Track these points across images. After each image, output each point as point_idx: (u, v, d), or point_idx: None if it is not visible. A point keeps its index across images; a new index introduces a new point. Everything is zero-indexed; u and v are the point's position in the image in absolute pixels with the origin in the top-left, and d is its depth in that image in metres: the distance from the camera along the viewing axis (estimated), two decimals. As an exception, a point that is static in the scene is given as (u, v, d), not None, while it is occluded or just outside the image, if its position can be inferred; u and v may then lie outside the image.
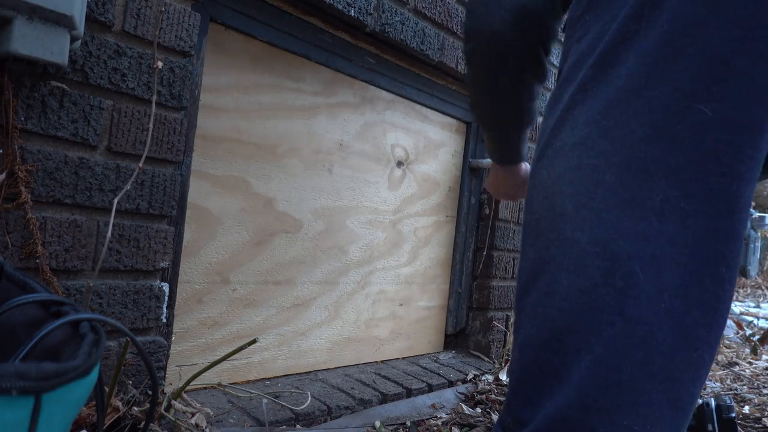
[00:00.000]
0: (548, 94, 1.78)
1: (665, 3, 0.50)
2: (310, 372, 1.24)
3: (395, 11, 1.24)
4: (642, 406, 0.48)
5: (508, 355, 1.62)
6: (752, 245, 3.22)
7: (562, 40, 0.65)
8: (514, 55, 0.74)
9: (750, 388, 1.66)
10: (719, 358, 2.03)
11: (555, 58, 1.70)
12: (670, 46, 0.49)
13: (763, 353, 2.15)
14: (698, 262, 0.47)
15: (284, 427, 0.95)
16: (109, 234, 0.81)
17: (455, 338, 1.65)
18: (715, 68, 0.47)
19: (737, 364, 1.95)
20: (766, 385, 1.69)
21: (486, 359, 1.58)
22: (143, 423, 0.77)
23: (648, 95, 0.50)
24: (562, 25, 0.70)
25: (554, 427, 0.50)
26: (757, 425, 1.29)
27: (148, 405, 0.83)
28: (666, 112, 0.49)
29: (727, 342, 2.38)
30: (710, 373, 1.78)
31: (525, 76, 0.78)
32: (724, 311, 0.49)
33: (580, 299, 0.50)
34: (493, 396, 1.29)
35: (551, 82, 1.70)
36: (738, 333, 2.61)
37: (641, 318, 0.48)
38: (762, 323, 2.95)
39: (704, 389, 1.59)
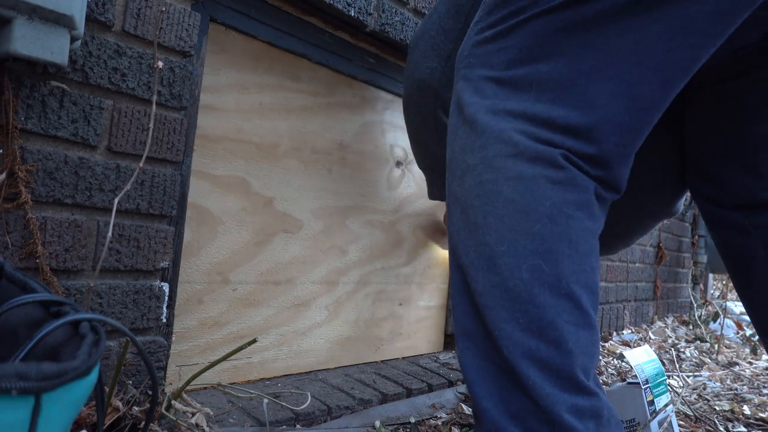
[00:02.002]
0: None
1: None
2: (310, 372, 1.24)
3: (395, 11, 1.24)
4: (564, 379, 0.57)
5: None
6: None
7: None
8: (419, 115, 1.04)
9: (750, 388, 1.66)
10: (719, 358, 2.03)
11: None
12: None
13: (763, 353, 2.15)
14: (580, 254, 0.58)
15: (284, 427, 0.96)
16: (109, 234, 0.81)
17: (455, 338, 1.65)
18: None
19: (737, 364, 1.95)
20: (766, 385, 1.69)
21: (486, 359, 1.58)
22: (143, 423, 0.77)
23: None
24: None
25: (495, 403, 0.60)
26: (758, 424, 1.29)
27: (148, 405, 0.83)
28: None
29: (727, 342, 2.38)
30: (710, 373, 1.78)
31: (427, 131, 1.04)
32: (597, 293, 0.61)
33: (495, 292, 0.59)
34: (493, 396, 1.29)
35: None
36: (738, 333, 2.61)
37: (548, 303, 0.57)
38: (762, 323, 2.94)
39: (704, 389, 1.59)
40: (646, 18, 0.57)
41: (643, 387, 0.98)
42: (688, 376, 1.67)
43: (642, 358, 1.03)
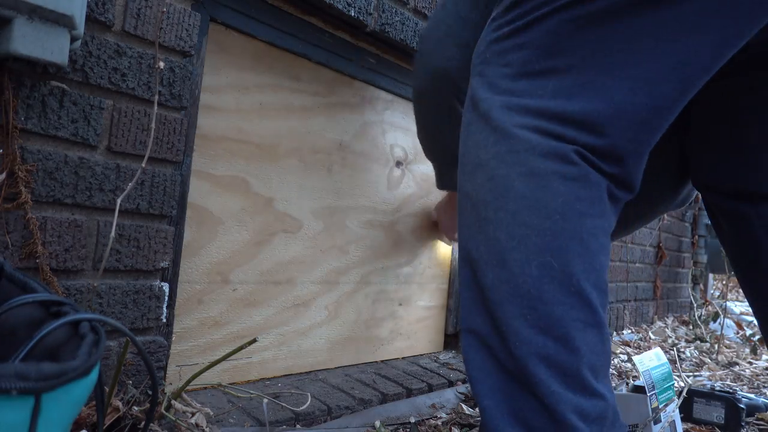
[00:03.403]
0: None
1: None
2: (310, 372, 1.24)
3: (395, 11, 1.24)
4: (571, 377, 0.56)
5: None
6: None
7: None
8: (434, 105, 1.00)
9: (750, 388, 1.66)
10: (719, 358, 2.03)
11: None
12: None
13: (763, 353, 2.15)
14: (591, 253, 0.58)
15: (284, 427, 0.96)
16: (112, 234, 0.81)
17: (455, 338, 1.65)
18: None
19: (737, 364, 1.95)
20: (766, 385, 1.69)
21: (486, 359, 1.58)
22: (143, 423, 0.77)
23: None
24: None
25: (508, 401, 0.59)
26: (757, 422, 1.29)
27: (148, 405, 0.83)
28: None
29: (727, 342, 2.38)
30: (710, 374, 1.78)
31: (441, 122, 1.02)
32: (607, 293, 0.61)
33: (504, 289, 0.58)
34: (493, 396, 1.29)
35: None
36: (738, 333, 2.61)
37: (558, 300, 0.56)
38: (762, 323, 2.94)
39: (703, 388, 1.59)
40: (665, 13, 0.55)
41: (648, 393, 0.97)
42: (689, 376, 1.68)
43: (651, 363, 1.02)
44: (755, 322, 2.91)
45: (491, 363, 0.60)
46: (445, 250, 1.59)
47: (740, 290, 5.04)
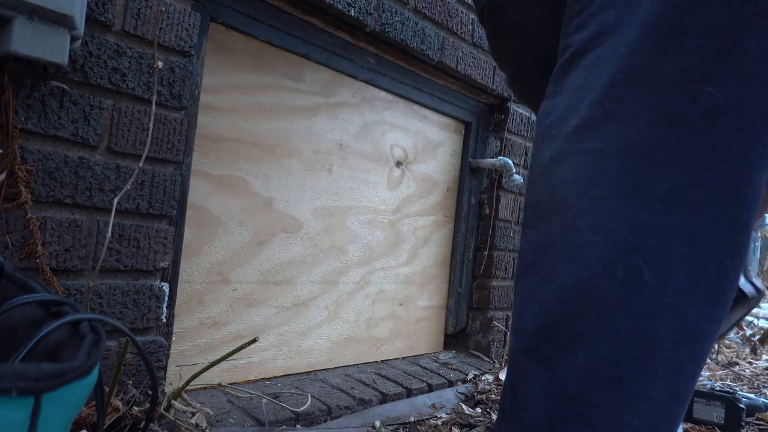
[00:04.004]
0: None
1: None
2: (310, 372, 1.24)
3: (395, 11, 1.24)
4: (642, 401, 0.46)
5: (508, 355, 1.62)
6: (752, 245, 3.21)
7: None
8: None
9: (750, 388, 1.66)
10: (719, 358, 2.03)
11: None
12: (675, 21, 0.46)
13: (763, 353, 2.15)
14: (704, 255, 0.45)
15: (284, 427, 0.96)
16: (108, 234, 0.81)
17: (455, 338, 1.65)
18: (726, 48, 0.44)
19: (737, 364, 1.95)
20: (766, 385, 1.69)
21: (486, 359, 1.59)
22: (143, 423, 0.77)
23: (653, 76, 0.46)
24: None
25: (552, 420, 0.49)
26: (757, 422, 1.29)
27: (148, 405, 0.83)
28: (673, 95, 0.45)
29: (727, 342, 2.38)
30: (710, 374, 1.78)
31: (554, 17, 0.68)
32: (726, 302, 0.47)
33: (578, 290, 0.48)
34: (493, 396, 1.29)
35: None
36: (738, 333, 2.61)
37: (643, 314, 0.45)
38: (762, 323, 2.95)
39: (703, 388, 1.59)
40: None
41: None
42: (688, 376, 1.67)
43: None
44: (755, 322, 2.91)
45: (546, 374, 0.50)
46: (445, 250, 1.59)
47: (740, 290, 5.01)
